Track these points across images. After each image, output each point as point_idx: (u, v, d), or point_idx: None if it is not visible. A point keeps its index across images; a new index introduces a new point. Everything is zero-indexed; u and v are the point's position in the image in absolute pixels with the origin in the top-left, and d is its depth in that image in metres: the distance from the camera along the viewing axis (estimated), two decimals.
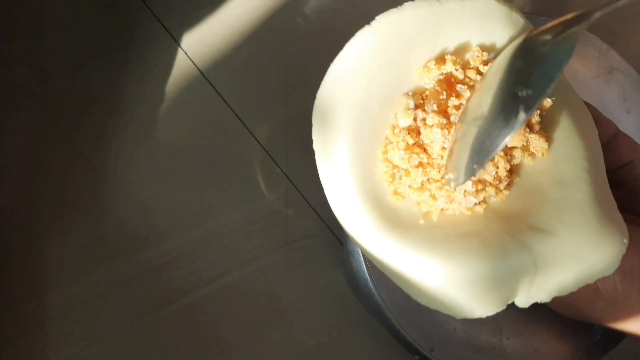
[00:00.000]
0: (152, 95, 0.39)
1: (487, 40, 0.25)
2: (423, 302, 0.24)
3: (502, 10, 0.24)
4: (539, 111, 0.24)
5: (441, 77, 0.24)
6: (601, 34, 0.37)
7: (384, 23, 0.24)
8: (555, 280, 0.23)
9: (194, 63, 0.40)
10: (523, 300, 0.24)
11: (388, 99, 0.24)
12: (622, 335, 0.32)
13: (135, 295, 0.37)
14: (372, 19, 0.24)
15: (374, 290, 0.33)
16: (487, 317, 0.23)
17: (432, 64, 0.24)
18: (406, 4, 0.24)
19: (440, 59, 0.24)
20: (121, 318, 0.37)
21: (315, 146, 0.25)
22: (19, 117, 0.38)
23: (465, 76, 0.24)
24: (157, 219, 0.38)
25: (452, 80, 0.24)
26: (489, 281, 0.23)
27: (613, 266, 0.23)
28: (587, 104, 0.27)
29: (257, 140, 0.40)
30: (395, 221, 0.24)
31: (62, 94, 0.38)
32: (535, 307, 0.36)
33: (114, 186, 0.38)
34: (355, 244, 0.25)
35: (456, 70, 0.24)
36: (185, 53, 0.40)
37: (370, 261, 0.34)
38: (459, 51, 0.25)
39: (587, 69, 0.37)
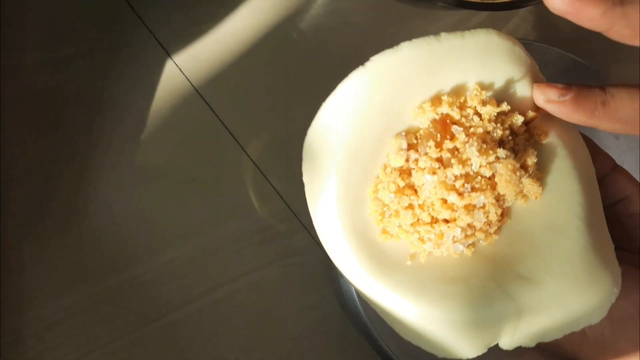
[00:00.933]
0: (145, 110, 0.39)
1: (487, 78, 0.24)
2: (407, 338, 0.24)
3: (504, 45, 0.24)
4: (535, 152, 0.24)
5: (436, 117, 0.24)
6: (594, 59, 0.38)
7: (379, 64, 0.23)
8: (540, 327, 0.23)
9: (187, 79, 0.40)
10: (507, 343, 0.24)
11: (380, 138, 0.24)
12: None
13: (124, 310, 0.37)
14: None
15: (362, 311, 0.33)
16: None
17: (427, 105, 0.23)
18: (403, 44, 0.23)
19: (437, 100, 0.24)
20: (109, 333, 0.37)
21: (305, 181, 0.25)
22: (5, 129, 0.37)
23: (462, 116, 0.24)
24: (146, 233, 0.38)
25: (448, 121, 0.24)
26: (472, 326, 0.23)
27: (600, 316, 0.23)
28: (585, 137, 0.26)
29: (249, 157, 0.40)
30: (382, 260, 0.24)
31: (52, 107, 0.38)
32: None
33: (104, 201, 0.38)
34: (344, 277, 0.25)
35: (452, 110, 0.24)
36: (179, 69, 0.40)
37: None
38: (457, 90, 0.24)
39: None
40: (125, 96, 0.39)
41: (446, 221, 0.24)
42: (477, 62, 0.23)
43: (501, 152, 0.23)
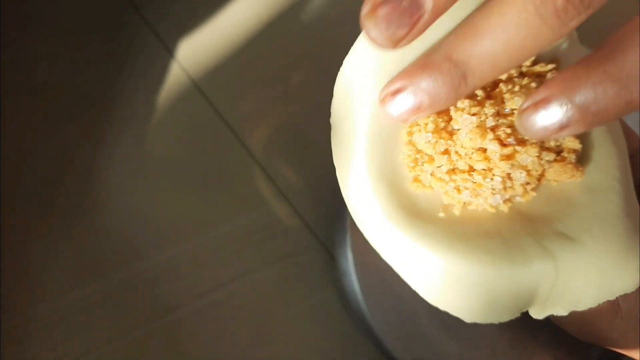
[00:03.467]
0: (144, 105, 0.39)
1: None
2: (432, 301, 0.22)
3: None
4: None
5: None
6: None
7: None
8: (575, 293, 0.22)
9: (187, 73, 0.40)
10: (538, 311, 0.23)
11: None
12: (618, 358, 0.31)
13: (122, 310, 0.36)
14: None
15: (366, 312, 0.32)
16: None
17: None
18: None
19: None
20: (108, 333, 0.35)
21: (332, 120, 0.23)
22: (7, 125, 0.37)
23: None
24: (145, 231, 0.37)
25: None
26: (508, 286, 0.21)
27: (636, 284, 0.22)
28: None
29: (250, 153, 0.40)
30: (412, 211, 0.22)
31: (52, 102, 0.38)
32: (531, 330, 0.35)
33: (102, 198, 0.37)
34: (363, 233, 0.23)
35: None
36: (179, 63, 0.40)
37: (362, 281, 0.33)
38: None
39: None
40: (124, 91, 0.39)
41: (484, 171, 0.22)
42: None
43: None
